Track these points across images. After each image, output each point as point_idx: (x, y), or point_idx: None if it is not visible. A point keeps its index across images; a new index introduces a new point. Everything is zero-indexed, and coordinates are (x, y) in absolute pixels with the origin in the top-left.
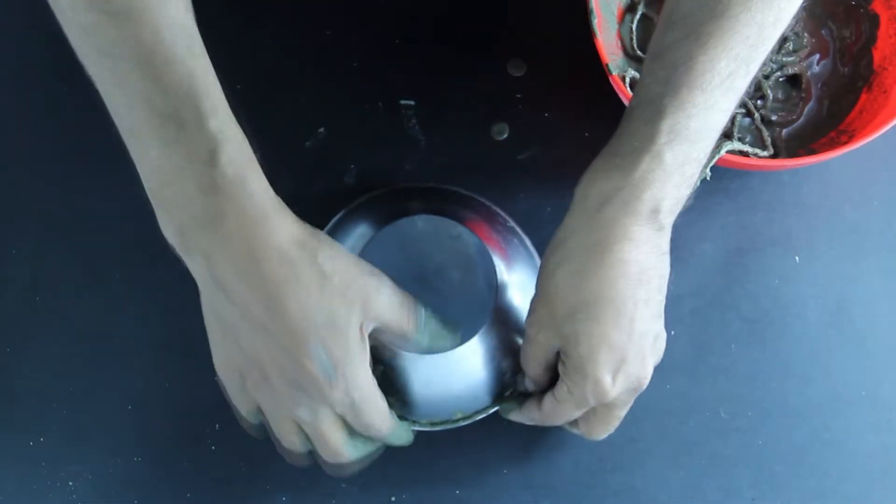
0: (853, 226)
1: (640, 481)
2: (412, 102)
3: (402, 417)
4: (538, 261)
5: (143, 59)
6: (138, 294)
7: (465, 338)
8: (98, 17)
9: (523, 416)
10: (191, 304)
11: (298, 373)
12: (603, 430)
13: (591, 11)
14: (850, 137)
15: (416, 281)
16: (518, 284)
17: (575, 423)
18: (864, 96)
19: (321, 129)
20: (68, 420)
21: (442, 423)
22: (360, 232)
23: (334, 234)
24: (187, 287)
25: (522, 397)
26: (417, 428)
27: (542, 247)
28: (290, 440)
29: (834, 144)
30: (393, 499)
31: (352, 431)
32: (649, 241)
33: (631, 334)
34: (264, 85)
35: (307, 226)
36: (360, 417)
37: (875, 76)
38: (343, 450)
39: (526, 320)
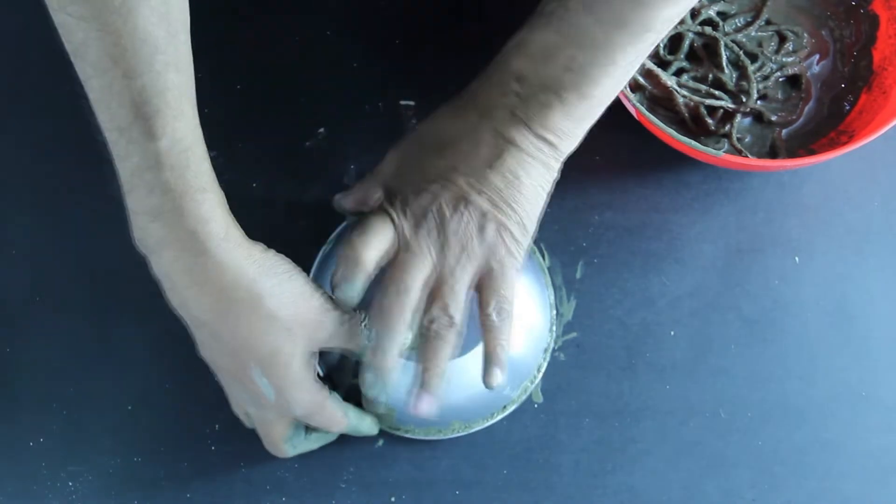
0: (853, 226)
1: (640, 482)
2: (412, 103)
3: (393, 427)
4: (540, 268)
5: (102, 69)
6: (138, 294)
7: (464, 350)
8: (65, 18)
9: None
10: None
11: (243, 390)
12: (440, 300)
13: None
14: (850, 138)
15: None
16: (519, 294)
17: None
18: (864, 96)
19: (321, 129)
20: (68, 420)
21: (438, 431)
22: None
23: (335, 244)
24: None
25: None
26: (411, 436)
27: (548, 250)
28: (242, 418)
29: (834, 145)
30: (393, 499)
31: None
32: (493, 108)
33: (439, 169)
34: (264, 85)
35: (255, 256)
36: (310, 423)
37: (875, 76)
38: (282, 447)
39: None
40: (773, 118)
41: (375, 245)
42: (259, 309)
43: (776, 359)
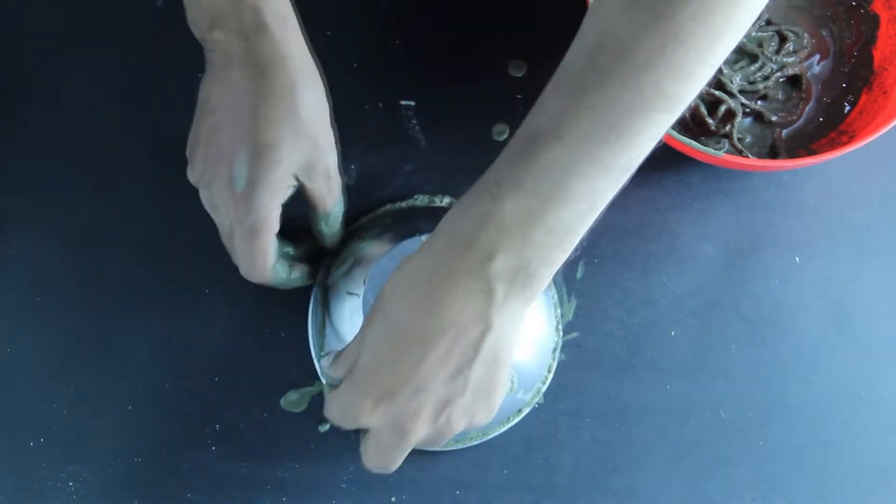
0: (853, 226)
1: (640, 482)
2: (412, 103)
3: None
4: None
5: None
6: (138, 294)
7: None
8: None
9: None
10: (191, 305)
11: (217, 169)
12: (367, 455)
13: None
14: (851, 138)
15: None
16: None
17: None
18: (864, 97)
19: None
20: (68, 420)
21: (456, 442)
22: (367, 252)
23: (338, 251)
24: (187, 287)
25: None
26: (429, 448)
27: None
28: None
29: (834, 145)
30: (393, 499)
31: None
32: (469, 294)
33: (412, 377)
34: None
35: (308, 57)
36: (246, 245)
37: (875, 76)
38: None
39: None
40: (774, 118)
41: None
42: (289, 97)
43: (776, 359)
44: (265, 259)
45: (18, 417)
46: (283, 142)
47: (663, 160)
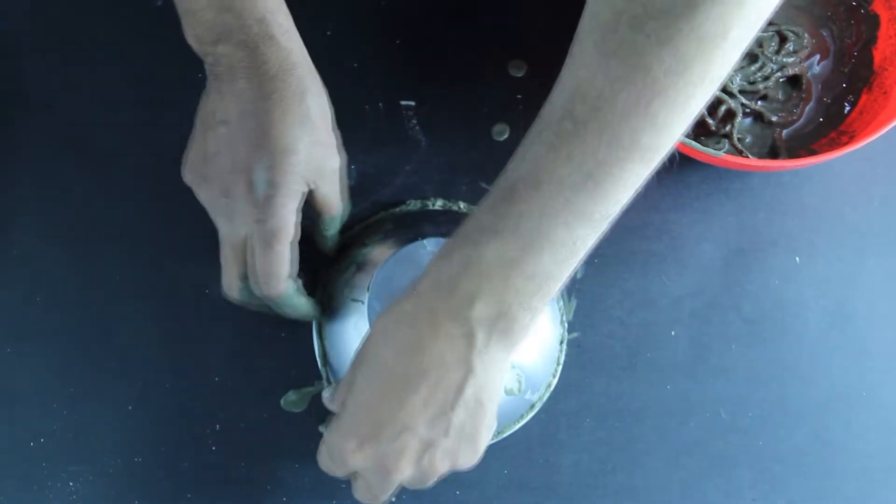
0: (854, 226)
1: (640, 482)
2: (412, 103)
3: None
4: None
5: None
6: (138, 294)
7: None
8: None
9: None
10: (191, 305)
11: (233, 179)
12: (357, 493)
13: None
14: (851, 138)
15: None
16: None
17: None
18: (864, 97)
19: None
20: (68, 420)
21: None
22: (371, 257)
23: (339, 257)
24: (187, 287)
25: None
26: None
27: None
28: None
29: (834, 145)
30: (393, 499)
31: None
32: (450, 339)
33: (395, 419)
34: None
35: (311, 66)
36: (266, 250)
37: (875, 76)
38: (228, 278)
39: None
40: (774, 118)
41: None
42: (300, 103)
43: (776, 359)
44: (282, 268)
45: (18, 417)
46: (300, 147)
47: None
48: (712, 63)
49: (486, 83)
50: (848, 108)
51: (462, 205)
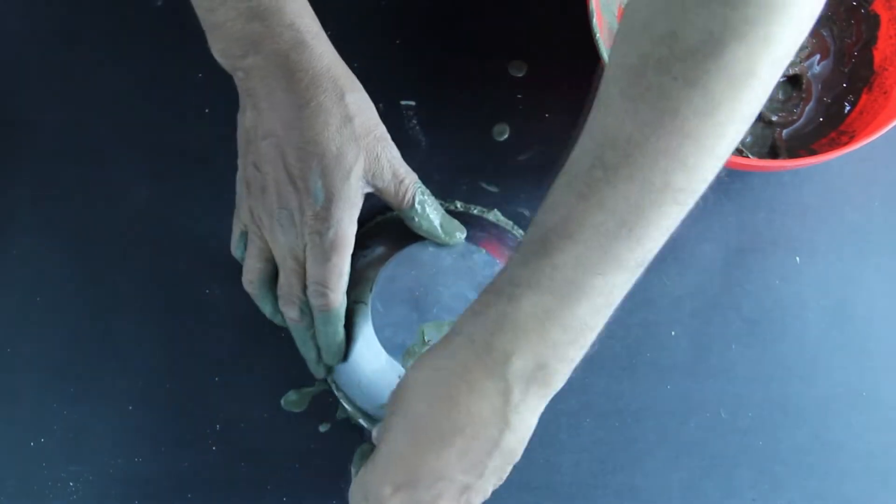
0: (854, 226)
1: (640, 482)
2: (413, 103)
3: None
4: None
5: None
6: (138, 294)
7: None
8: None
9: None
10: (191, 305)
11: (291, 190)
12: None
13: (591, 11)
14: (851, 138)
15: (433, 305)
16: None
17: None
18: (864, 97)
19: None
20: (68, 420)
21: None
22: (376, 256)
23: None
24: (187, 287)
25: None
26: None
27: None
28: (252, 263)
29: (834, 145)
30: None
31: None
32: (486, 394)
33: (431, 469)
34: None
35: (343, 64)
36: (324, 262)
37: (875, 76)
38: (287, 291)
39: None
40: (774, 118)
41: None
42: (340, 104)
43: (776, 359)
44: (340, 280)
45: (18, 417)
46: (348, 150)
47: None
48: (741, 102)
49: (486, 83)
50: (848, 108)
51: (459, 204)
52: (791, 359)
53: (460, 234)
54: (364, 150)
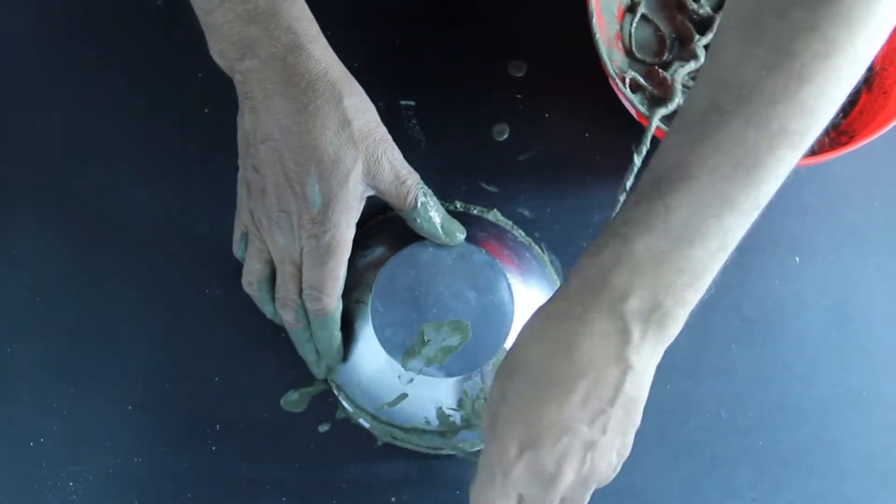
0: (854, 226)
1: (640, 482)
2: (412, 103)
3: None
4: (552, 275)
5: None
6: (138, 294)
7: (482, 360)
8: None
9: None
10: (191, 305)
11: (290, 194)
12: None
13: (591, 11)
14: (851, 138)
15: (433, 305)
16: (534, 301)
17: None
18: (864, 97)
19: None
20: (68, 420)
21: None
22: (376, 256)
23: None
24: (187, 287)
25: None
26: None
27: (548, 250)
28: (251, 265)
29: (834, 145)
30: (393, 499)
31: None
32: (605, 335)
33: (554, 421)
34: None
35: (342, 66)
36: (319, 266)
37: (875, 76)
38: (285, 294)
39: None
40: None
41: None
42: (337, 108)
43: (776, 359)
44: (335, 284)
45: (18, 417)
46: (346, 154)
47: None
48: (859, 44)
49: (486, 83)
50: (848, 109)
51: (459, 204)
52: (791, 359)
53: (461, 235)
54: (363, 153)
